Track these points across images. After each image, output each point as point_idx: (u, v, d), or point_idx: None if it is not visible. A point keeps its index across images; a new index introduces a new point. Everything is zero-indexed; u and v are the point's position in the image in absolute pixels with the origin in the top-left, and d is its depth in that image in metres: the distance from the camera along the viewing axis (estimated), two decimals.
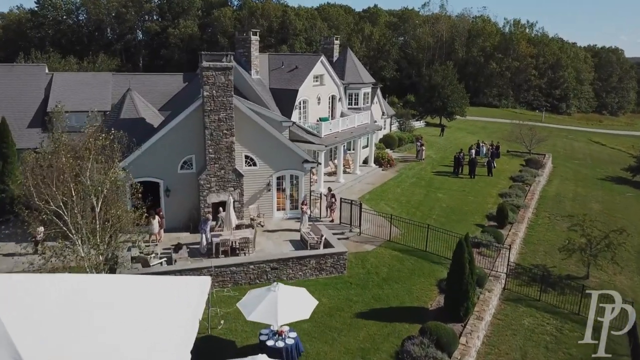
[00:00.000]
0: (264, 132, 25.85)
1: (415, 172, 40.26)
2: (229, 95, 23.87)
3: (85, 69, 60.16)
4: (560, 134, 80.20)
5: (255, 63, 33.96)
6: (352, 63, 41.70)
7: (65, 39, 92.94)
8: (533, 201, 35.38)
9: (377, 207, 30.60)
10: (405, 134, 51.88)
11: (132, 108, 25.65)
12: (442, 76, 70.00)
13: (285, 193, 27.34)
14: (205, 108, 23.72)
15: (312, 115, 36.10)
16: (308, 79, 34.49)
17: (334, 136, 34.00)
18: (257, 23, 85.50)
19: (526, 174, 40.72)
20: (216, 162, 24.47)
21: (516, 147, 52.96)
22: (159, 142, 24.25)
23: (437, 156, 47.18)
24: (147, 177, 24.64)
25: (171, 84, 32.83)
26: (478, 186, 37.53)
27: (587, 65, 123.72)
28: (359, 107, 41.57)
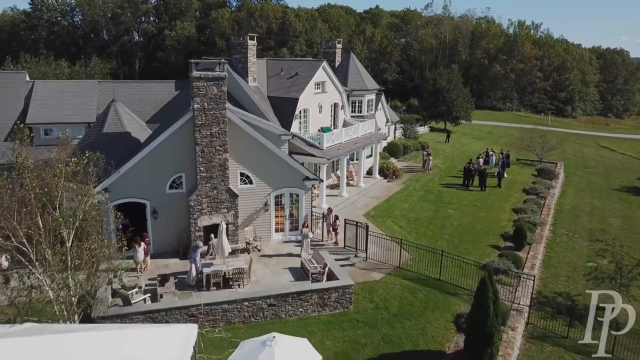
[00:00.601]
0: (261, 147, 23.59)
1: (423, 184, 37.98)
2: (222, 107, 21.62)
3: (77, 73, 57.92)
4: (568, 139, 77.91)
5: (253, 69, 31.71)
6: (355, 68, 39.43)
7: (59, 40, 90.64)
8: (549, 217, 33.11)
9: (384, 226, 28.35)
10: (410, 141, 49.64)
11: (116, 121, 23.39)
12: (447, 80, 67.85)
13: (284, 213, 25.08)
14: (196, 122, 21.46)
15: (314, 124, 33.87)
16: (309, 86, 32.24)
17: (336, 148, 31.76)
18: (256, 24, 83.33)
19: (540, 186, 38.44)
20: (208, 182, 22.20)
21: (525, 154, 50.71)
22: (145, 159, 21.99)
23: (444, 165, 44.89)
24: (132, 198, 22.41)
25: (162, 92, 30.58)
26: (490, 200, 35.25)
27: (592, 67, 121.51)
28: (363, 115, 39.30)
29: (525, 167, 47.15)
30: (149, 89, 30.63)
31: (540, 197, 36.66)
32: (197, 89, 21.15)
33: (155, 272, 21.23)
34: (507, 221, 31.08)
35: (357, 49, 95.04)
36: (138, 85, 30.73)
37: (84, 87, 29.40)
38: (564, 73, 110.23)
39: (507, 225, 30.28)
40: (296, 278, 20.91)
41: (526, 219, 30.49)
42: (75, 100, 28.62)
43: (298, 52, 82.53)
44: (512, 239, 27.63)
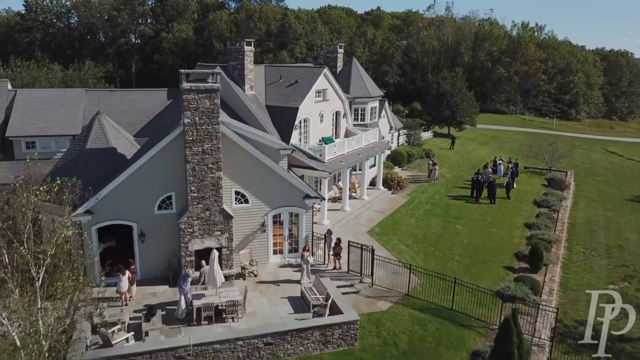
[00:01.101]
0: (258, 164, 21.80)
1: (429, 196, 36.16)
2: (214, 122, 19.82)
3: (71, 78, 56.09)
4: (574, 144, 76.01)
5: (250, 77, 29.92)
6: (358, 75, 37.64)
7: (54, 43, 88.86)
8: (564, 232, 31.33)
9: (390, 245, 26.55)
10: (414, 149, 47.83)
11: (100, 135, 21.59)
12: (451, 83, 66.07)
13: (282, 233, 23.28)
14: (187, 138, 19.66)
15: (314, 134, 32.08)
16: (309, 95, 30.44)
17: (338, 160, 29.96)
18: (255, 27, 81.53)
19: (551, 198, 36.62)
20: (200, 202, 20.40)
21: (533, 162, 48.94)
22: (131, 178, 20.20)
23: (450, 175, 43.07)
24: (118, 220, 20.63)
25: (153, 101, 28.79)
26: (500, 214, 33.45)
27: (596, 69, 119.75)
28: (366, 123, 37.50)
29: (534, 176, 45.33)
30: (140, 98, 28.83)
31: (552, 210, 34.86)
32: (188, 102, 19.36)
33: (142, 302, 19.46)
34: (519, 238, 29.29)
35: (358, 52, 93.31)
36: (127, 94, 28.94)
37: (70, 97, 27.60)
38: (568, 75, 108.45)
39: (520, 243, 28.49)
40: (296, 309, 19.11)
41: (540, 236, 28.72)
42: (60, 110, 26.81)
43: (298, 54, 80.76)
44: (526, 259, 25.86)
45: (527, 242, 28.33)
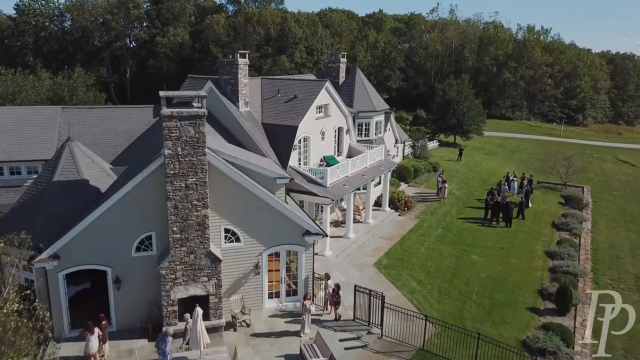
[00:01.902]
0: (251, 197, 19.09)
1: (440, 219, 33.42)
2: (200, 153, 17.10)
3: (59, 86, 53.38)
4: (584, 152, 73.36)
5: (244, 92, 27.20)
6: (362, 87, 34.92)
7: (47, 47, 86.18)
8: (588, 262, 28.61)
9: (400, 281, 23.82)
10: (421, 162, 45.09)
11: (70, 166, 18.90)
12: (457, 91, 63.38)
13: (279, 274, 20.55)
14: (168, 171, 16.94)
15: (315, 153, 29.39)
16: (310, 111, 27.74)
17: (342, 183, 27.25)
18: (254, 31, 78.82)
19: (571, 220, 33.87)
20: (183, 244, 17.67)
21: (546, 176, 46.25)
22: (104, 216, 17.51)
23: (460, 192, 40.31)
24: (90, 265, 17.93)
25: (137, 119, 26.08)
26: (518, 240, 30.71)
27: (603, 73, 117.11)
28: (370, 138, 34.81)
29: (549, 192, 42.57)
30: (122, 115, 26.12)
31: (573, 234, 32.14)
32: (169, 130, 16.63)
33: None
34: (542, 270, 26.55)
35: (360, 56, 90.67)
36: (108, 112, 26.22)
37: (44, 116, 24.87)
38: (575, 80, 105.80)
39: (543, 277, 25.75)
40: None
41: (564, 268, 25.98)
42: (32, 131, 24.10)
43: (298, 59, 78.03)
44: (552, 298, 23.15)
45: (550, 276, 25.62)
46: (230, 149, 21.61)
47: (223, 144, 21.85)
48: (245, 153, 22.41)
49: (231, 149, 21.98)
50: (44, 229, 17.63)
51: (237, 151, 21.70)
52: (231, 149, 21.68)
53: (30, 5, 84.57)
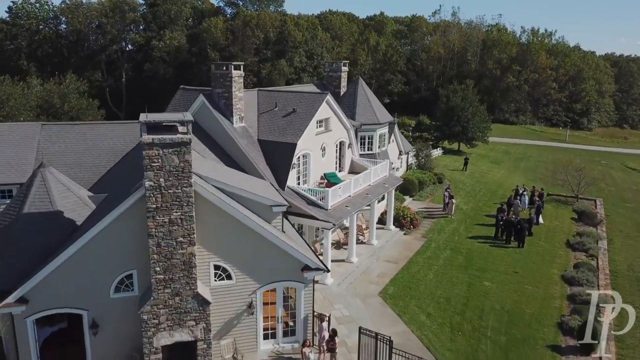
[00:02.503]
0: (244, 229, 17.15)
1: (447, 238, 31.49)
2: (185, 184, 15.16)
3: (50, 92, 51.45)
4: (592, 159, 71.42)
5: (239, 107, 25.27)
6: (364, 98, 32.99)
7: (41, 50, 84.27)
8: (609, 288, 26.64)
9: (407, 315, 21.88)
10: (426, 174, 43.13)
11: (43, 195, 16.98)
12: (462, 97, 61.47)
13: (276, 314, 18.61)
14: (149, 205, 15.00)
15: (315, 170, 27.47)
16: (310, 127, 25.81)
17: (344, 204, 25.31)
18: (252, 34, 76.83)
19: (587, 240, 31.90)
20: (167, 286, 15.73)
21: (556, 188, 44.35)
22: (78, 254, 15.58)
23: (467, 207, 38.35)
24: (63, 308, 15.99)
25: (123, 136, 24.13)
26: (531, 262, 28.76)
27: (608, 76, 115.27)
28: (374, 152, 32.91)
29: (559, 206, 40.62)
30: (107, 132, 24.18)
31: (590, 255, 30.21)
32: (150, 159, 14.69)
33: None
34: (560, 299, 24.60)
35: (361, 59, 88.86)
36: (92, 128, 24.28)
37: (21, 133, 22.92)
38: (580, 83, 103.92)
39: (561, 307, 23.80)
40: None
41: (585, 297, 24.01)
42: (7, 151, 22.17)
43: (297, 64, 76.13)
44: (573, 333, 21.22)
45: (570, 307, 23.69)
46: (222, 172, 19.71)
47: (213, 167, 19.92)
48: (238, 176, 20.49)
49: (223, 171, 20.08)
50: (10, 268, 15.72)
51: (229, 175, 19.78)
52: (223, 172, 19.77)
53: (24, 7, 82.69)
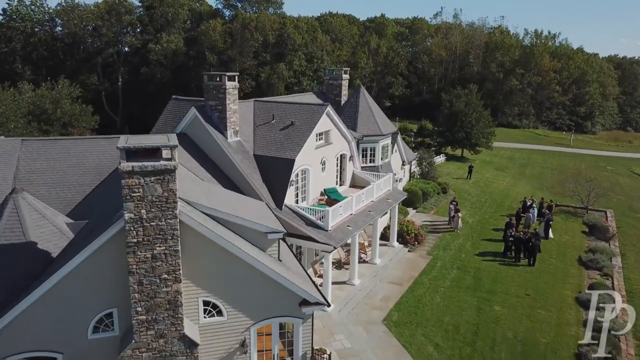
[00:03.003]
0: (236, 261, 15.61)
1: (454, 255, 29.95)
2: (170, 215, 13.63)
3: (41, 98, 49.89)
4: (597, 165, 69.92)
5: (233, 120, 23.73)
6: (366, 108, 31.44)
7: (37, 53, 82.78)
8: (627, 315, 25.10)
9: (414, 346, 20.35)
10: (429, 184, 41.59)
11: (14, 225, 15.45)
12: (465, 102, 59.93)
13: (272, 352, 17.06)
14: (129, 240, 13.48)
15: (315, 186, 25.93)
16: (309, 141, 24.26)
17: (345, 224, 23.78)
18: (251, 37, 75.31)
19: (600, 257, 30.33)
20: (150, 327, 14.19)
21: (565, 198, 42.85)
22: (52, 291, 14.06)
23: (473, 220, 36.80)
24: (34, 351, 14.43)
25: (110, 151, 22.54)
26: (543, 283, 27.20)
27: (611, 78, 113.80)
28: (376, 164, 31.37)
29: (569, 218, 39.06)
30: (91, 147, 22.60)
31: (604, 274, 28.67)
32: (130, 189, 13.17)
33: None
34: (576, 325, 23.04)
35: (362, 62, 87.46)
36: (76, 143, 22.74)
37: (0, 149, 21.47)
38: (584, 86, 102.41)
39: (578, 334, 22.23)
40: None
41: (602, 324, 22.45)
42: None
43: (297, 67, 74.62)
44: None
45: (587, 334, 22.10)
46: (213, 194, 18.18)
47: (203, 189, 18.37)
48: (231, 198, 18.96)
49: (214, 193, 18.55)
50: None
51: (221, 197, 18.25)
52: (214, 194, 18.24)
53: (19, 10, 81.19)
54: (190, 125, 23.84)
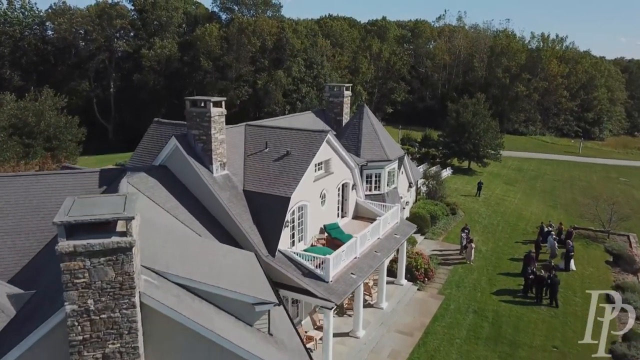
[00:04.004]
0: (215, 349, 12.56)
1: (469, 295, 26.91)
2: (125, 305, 10.59)
3: (24, 110, 46.83)
4: (609, 176, 67.01)
5: (220, 152, 20.67)
6: (371, 130, 28.35)
7: (26, 58, 79.78)
8: None
9: None
10: (437, 205, 38.53)
11: None
12: (473, 112, 56.93)
13: None
14: (73, 338, 10.44)
15: (313, 223, 22.92)
16: (307, 174, 21.23)
17: (349, 271, 20.75)
18: (249, 42, 72.27)
19: (630, 296, 27.27)
20: None
21: (579, 220, 39.97)
22: None
23: (487, 248, 33.74)
24: None
25: (80, 188, 19.57)
26: (571, 331, 24.19)
27: (619, 83, 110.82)
28: (382, 192, 28.32)
29: (589, 244, 36.00)
30: (57, 184, 19.69)
31: (637, 318, 25.60)
32: (72, 274, 10.14)
33: None
34: None
35: (363, 67, 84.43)
36: (39, 180, 19.75)
37: None
38: (591, 91, 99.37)
39: None
40: None
41: None
42: None
43: (296, 73, 71.52)
44: None
45: None
46: (190, 253, 15.16)
47: (179, 248, 15.32)
48: (212, 255, 15.90)
49: (192, 250, 15.51)
50: None
51: (199, 257, 15.21)
52: (191, 253, 15.22)
53: (7, 13, 78.16)
54: (170, 156, 20.80)
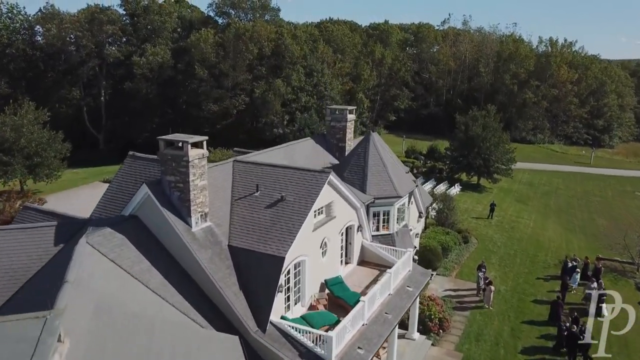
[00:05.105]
0: None
1: (490, 351, 23.51)
2: None
3: (2, 127, 43.46)
4: (624, 190, 63.71)
5: (201, 201, 17.24)
6: (378, 161, 24.85)
7: (13, 64, 76.36)
8: None
9: None
10: (449, 234, 35.12)
11: None
12: (483, 125, 53.55)
13: None
14: None
15: (312, 280, 19.53)
16: (305, 225, 17.82)
17: (355, 345, 17.32)
18: (246, 49, 68.83)
19: None
20: None
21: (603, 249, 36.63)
22: None
23: (506, 288, 30.30)
24: None
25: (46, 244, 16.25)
26: None
27: (628, 88, 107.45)
28: (391, 232, 24.90)
29: (618, 279, 32.63)
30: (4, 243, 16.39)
31: None
32: None
33: None
34: None
35: (365, 74, 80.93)
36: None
37: None
38: (602, 98, 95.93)
39: None
40: None
41: None
42: None
43: (295, 82, 68.02)
44: None
45: None
46: (155, 350, 11.77)
47: (142, 349, 11.91)
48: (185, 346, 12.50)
49: (156, 347, 12.11)
50: None
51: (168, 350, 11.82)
52: (156, 350, 11.82)
53: None
54: (142, 205, 17.41)
